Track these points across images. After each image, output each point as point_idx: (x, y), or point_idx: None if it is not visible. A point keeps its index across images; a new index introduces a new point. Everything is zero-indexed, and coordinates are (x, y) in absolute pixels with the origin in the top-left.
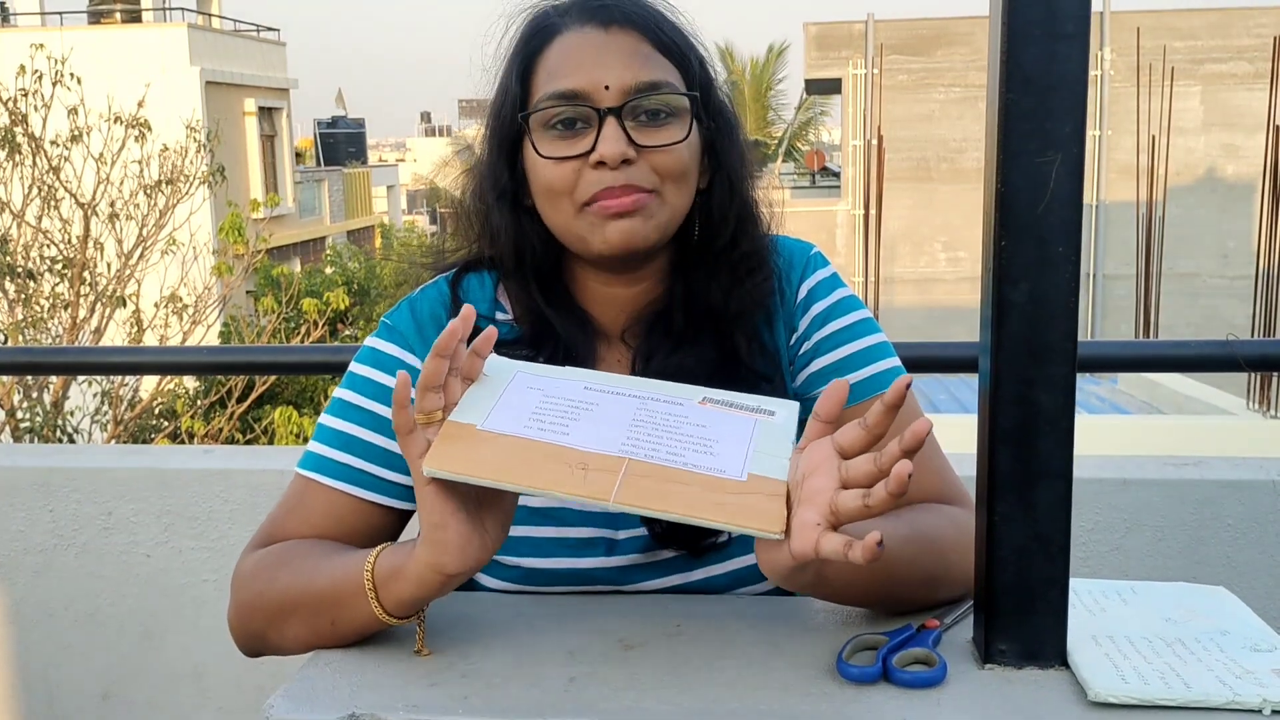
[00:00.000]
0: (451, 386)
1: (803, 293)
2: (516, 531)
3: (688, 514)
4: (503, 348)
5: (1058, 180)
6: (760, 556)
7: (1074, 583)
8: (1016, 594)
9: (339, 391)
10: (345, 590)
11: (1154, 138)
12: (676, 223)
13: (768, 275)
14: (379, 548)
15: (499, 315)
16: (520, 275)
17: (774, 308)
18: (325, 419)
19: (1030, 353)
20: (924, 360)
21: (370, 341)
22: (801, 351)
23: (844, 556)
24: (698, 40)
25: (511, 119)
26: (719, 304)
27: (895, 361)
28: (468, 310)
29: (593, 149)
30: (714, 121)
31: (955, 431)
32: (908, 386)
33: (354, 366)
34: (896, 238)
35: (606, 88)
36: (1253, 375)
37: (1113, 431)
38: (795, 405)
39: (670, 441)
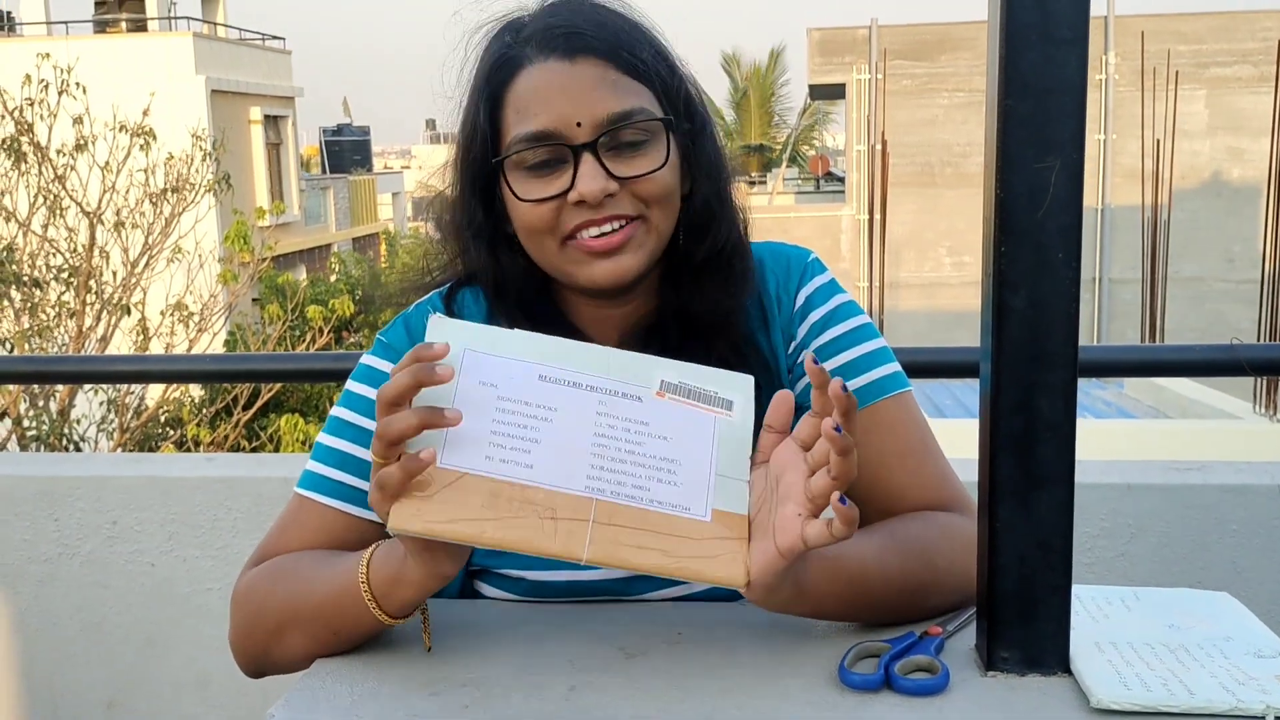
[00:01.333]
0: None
1: (800, 300)
2: None
3: (658, 571)
4: None
5: (1057, 185)
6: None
7: (1076, 589)
8: (1019, 601)
9: (335, 410)
10: (345, 602)
11: (1159, 141)
12: (665, 243)
13: (745, 271)
14: (367, 554)
15: None
16: (504, 305)
17: (771, 315)
18: (322, 437)
19: (1030, 359)
20: (927, 365)
21: (366, 359)
22: (801, 359)
23: (830, 536)
24: (662, 44)
25: (483, 159)
26: (709, 310)
27: (895, 367)
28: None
29: (571, 187)
30: (688, 123)
31: (960, 437)
32: (844, 388)
33: (350, 384)
34: (901, 243)
35: (579, 124)
36: (1258, 379)
37: (1119, 436)
38: (749, 383)
39: (634, 468)
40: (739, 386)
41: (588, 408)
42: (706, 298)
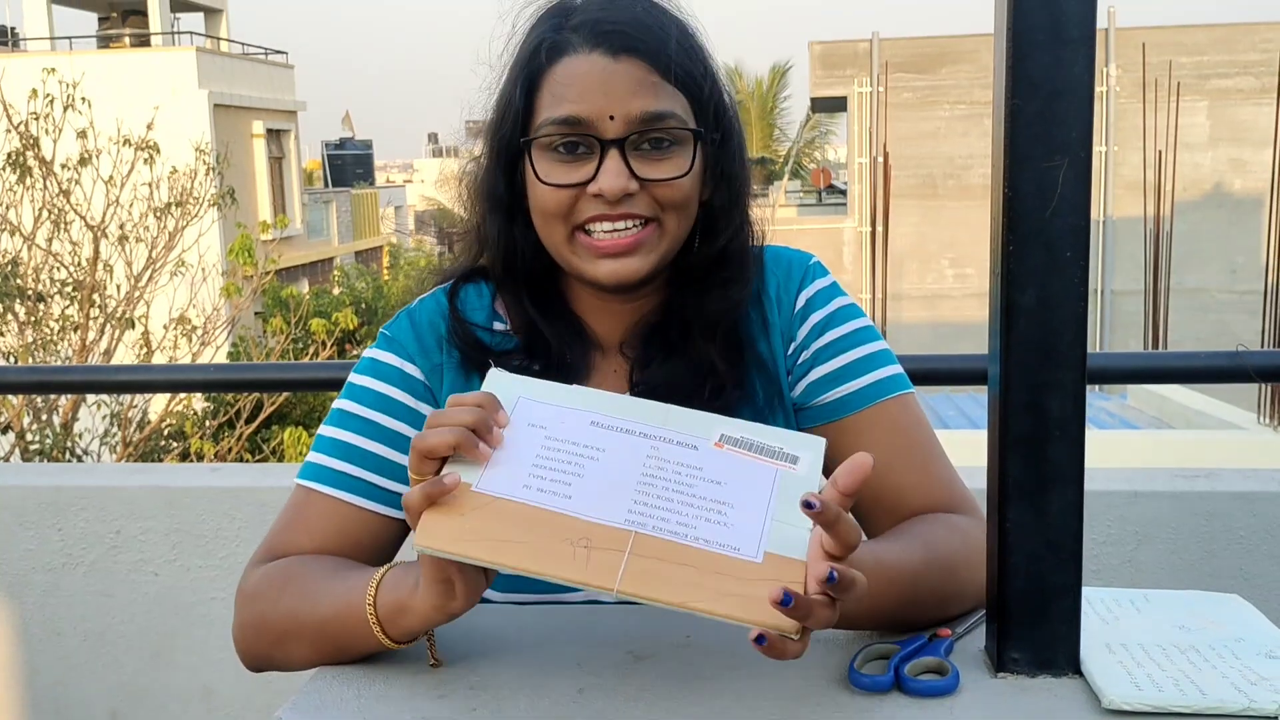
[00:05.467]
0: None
1: (800, 302)
2: None
3: (694, 607)
4: (500, 357)
5: (1065, 184)
6: None
7: (1087, 591)
8: (1029, 601)
9: (338, 402)
10: (350, 621)
11: (1161, 153)
12: (675, 250)
13: (745, 282)
14: (378, 575)
15: (496, 325)
16: (512, 284)
17: (771, 317)
18: (324, 429)
19: (1040, 358)
20: (931, 373)
21: (369, 352)
22: (800, 361)
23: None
24: (707, 57)
25: (512, 134)
26: (711, 315)
27: (897, 368)
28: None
29: (592, 178)
30: (718, 135)
31: (964, 448)
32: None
33: (353, 377)
34: (904, 255)
35: (611, 118)
36: (1263, 389)
37: (1123, 447)
38: (821, 444)
39: (681, 507)
40: (808, 445)
41: (638, 451)
42: (711, 301)
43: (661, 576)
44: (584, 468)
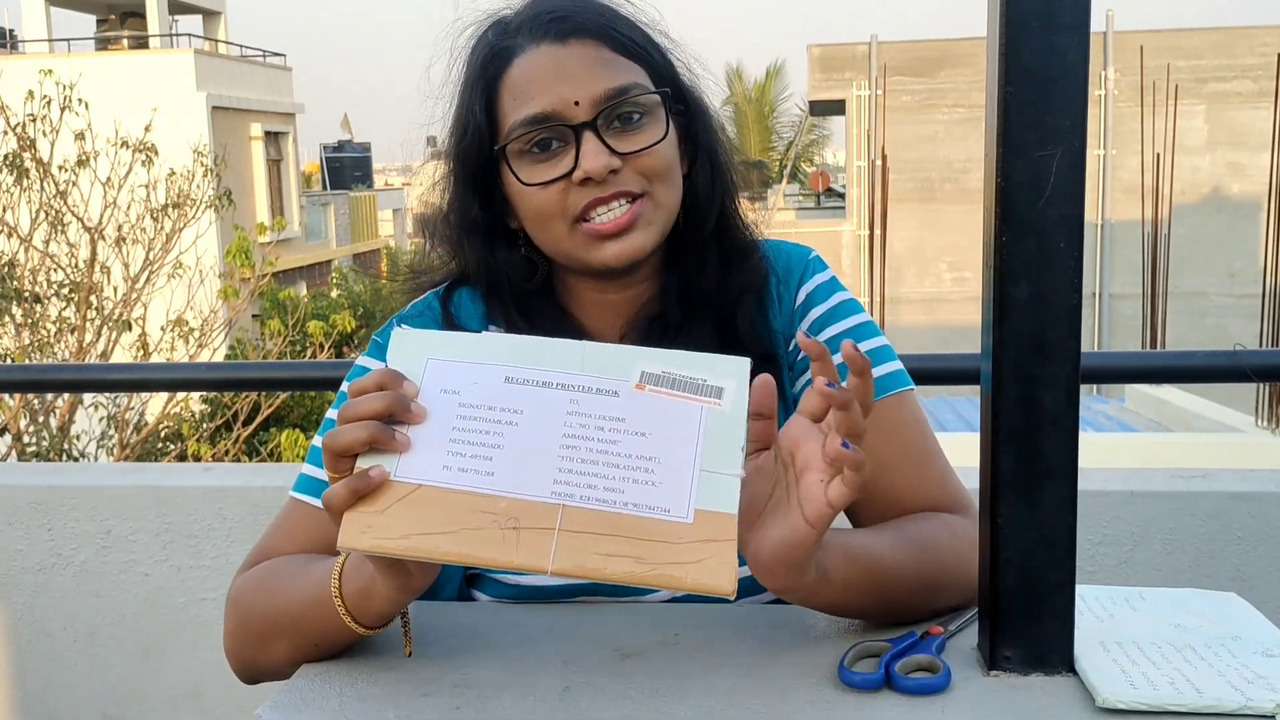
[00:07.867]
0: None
1: (801, 297)
2: None
3: (632, 581)
4: None
5: (1058, 174)
6: (759, 562)
7: (1081, 589)
8: (1022, 598)
9: (330, 412)
10: (322, 614)
11: (1159, 156)
12: (673, 219)
13: (758, 260)
14: (338, 565)
15: (492, 329)
16: (500, 303)
17: (771, 311)
18: (316, 440)
19: (1033, 350)
20: (928, 372)
21: (361, 360)
22: (801, 356)
23: (854, 487)
24: (656, 29)
25: (479, 151)
26: (713, 289)
27: (897, 365)
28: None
29: (575, 167)
30: (684, 105)
31: (961, 450)
32: (854, 347)
33: (345, 386)
34: (902, 258)
35: (576, 103)
36: (1261, 390)
37: (1121, 449)
38: (745, 365)
39: (607, 469)
40: (731, 370)
41: (557, 408)
42: (709, 275)
43: (595, 551)
44: (503, 435)
